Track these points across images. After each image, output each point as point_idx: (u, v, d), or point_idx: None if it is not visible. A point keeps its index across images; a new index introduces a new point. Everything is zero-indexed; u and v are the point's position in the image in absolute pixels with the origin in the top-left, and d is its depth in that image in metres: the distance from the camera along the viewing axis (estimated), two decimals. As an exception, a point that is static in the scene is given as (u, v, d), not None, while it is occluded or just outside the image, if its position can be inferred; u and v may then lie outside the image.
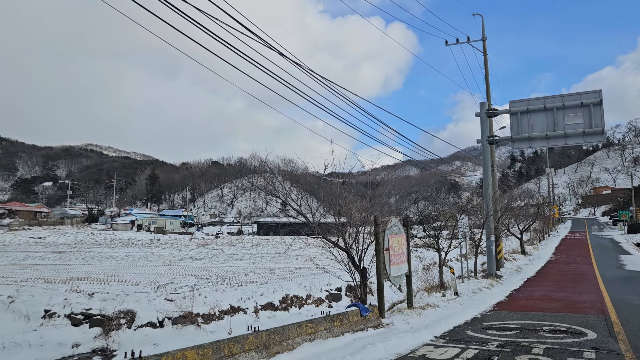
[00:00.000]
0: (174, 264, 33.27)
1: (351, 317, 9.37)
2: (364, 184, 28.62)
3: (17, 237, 61.41)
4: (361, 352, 7.20)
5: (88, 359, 11.78)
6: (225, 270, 27.16)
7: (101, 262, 34.84)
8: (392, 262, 11.19)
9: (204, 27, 9.36)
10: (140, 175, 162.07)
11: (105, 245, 53.38)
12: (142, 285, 19.09)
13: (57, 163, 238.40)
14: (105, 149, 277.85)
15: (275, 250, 43.10)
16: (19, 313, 14.28)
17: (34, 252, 44.16)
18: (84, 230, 74.52)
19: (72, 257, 38.99)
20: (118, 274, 24.63)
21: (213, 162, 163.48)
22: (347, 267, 11.62)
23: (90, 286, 18.77)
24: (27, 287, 17.25)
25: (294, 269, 27.00)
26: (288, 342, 7.21)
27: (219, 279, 21.59)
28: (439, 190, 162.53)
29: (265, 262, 32.56)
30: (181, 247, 49.53)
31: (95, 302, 14.54)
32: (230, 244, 53.83)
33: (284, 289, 17.36)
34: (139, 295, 15.27)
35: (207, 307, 14.59)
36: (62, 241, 59.27)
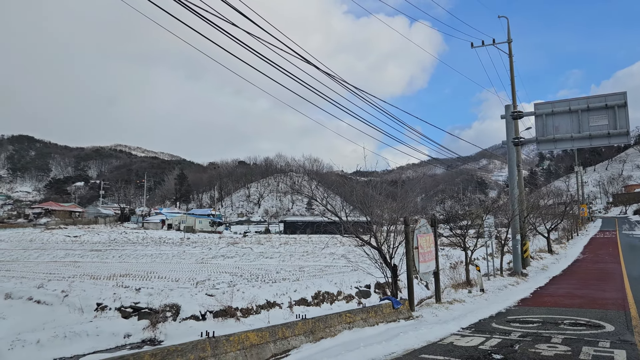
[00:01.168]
0: (207, 261, 34.42)
1: (384, 309, 10.18)
2: (389, 183, 29.21)
3: (54, 235, 63.74)
4: (395, 339, 7.97)
5: (139, 348, 12.80)
6: (256, 267, 28.08)
7: (137, 260, 36.24)
8: (421, 259, 11.92)
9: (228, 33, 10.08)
10: (168, 175, 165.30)
11: (138, 244, 54.89)
12: (181, 281, 20.12)
13: (88, 164, 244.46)
14: (134, 149, 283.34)
15: (302, 249, 43.93)
16: (73, 306, 15.50)
17: (71, 250, 46.00)
18: (116, 229, 76.60)
19: (109, 255, 40.52)
20: (156, 271, 25.81)
21: (240, 162, 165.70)
22: (379, 264, 12.39)
23: (133, 282, 19.89)
24: (77, 282, 18.44)
25: (323, 267, 27.68)
26: (330, 329, 8.06)
27: (252, 276, 22.41)
28: (465, 189, 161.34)
29: (294, 261, 33.36)
30: (211, 246, 50.68)
31: (142, 296, 15.66)
32: (258, 242, 54.90)
33: (315, 286, 18.21)
34: (182, 291, 16.30)
35: (245, 301, 15.55)
36: (97, 240, 61.19)
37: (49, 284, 17.98)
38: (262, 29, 10.84)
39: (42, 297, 16.19)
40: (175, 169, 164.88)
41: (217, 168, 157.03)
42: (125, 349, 12.36)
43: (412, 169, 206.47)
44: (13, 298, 16.73)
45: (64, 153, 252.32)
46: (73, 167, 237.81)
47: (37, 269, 27.92)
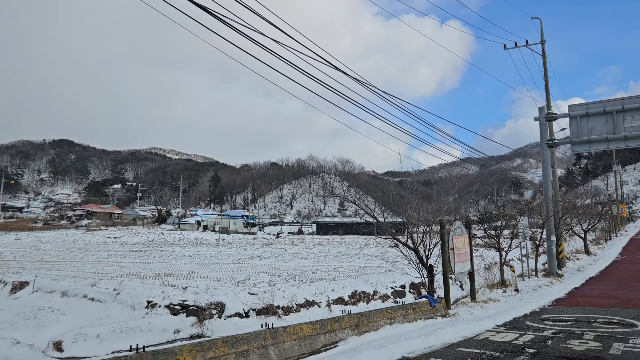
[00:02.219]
0: (244, 262, 35.35)
1: (422, 307, 10.72)
2: (421, 183, 29.53)
3: (96, 236, 66.02)
4: (433, 334, 8.50)
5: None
6: (292, 268, 28.76)
7: (176, 261, 37.44)
8: (457, 260, 12.38)
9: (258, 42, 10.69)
10: (202, 177, 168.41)
11: (175, 245, 56.30)
12: (223, 280, 20.97)
13: (124, 166, 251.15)
14: (168, 152, 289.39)
15: (336, 250, 44.39)
16: (125, 303, 16.52)
17: (113, 250, 47.70)
18: (154, 231, 78.63)
19: (150, 255, 41.91)
20: (196, 270, 26.79)
21: (272, 164, 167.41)
22: (416, 264, 12.91)
23: (177, 281, 20.82)
24: (127, 281, 19.47)
25: (357, 268, 28.11)
26: (373, 324, 8.67)
27: (289, 276, 23.05)
28: (499, 189, 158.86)
29: (329, 261, 33.89)
30: (246, 247, 51.58)
31: (189, 294, 16.58)
32: (292, 243, 55.66)
33: (352, 286, 18.80)
34: (225, 290, 17.12)
35: (286, 300, 16.27)
36: (136, 241, 63.06)
37: (101, 283, 19.09)
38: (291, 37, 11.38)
39: (95, 294, 17.27)
40: (209, 171, 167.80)
41: (250, 170, 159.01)
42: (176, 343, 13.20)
43: (444, 169, 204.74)
44: (69, 296, 17.87)
45: (102, 156, 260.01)
46: (110, 169, 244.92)
47: (84, 269, 29.31)
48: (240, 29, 9.92)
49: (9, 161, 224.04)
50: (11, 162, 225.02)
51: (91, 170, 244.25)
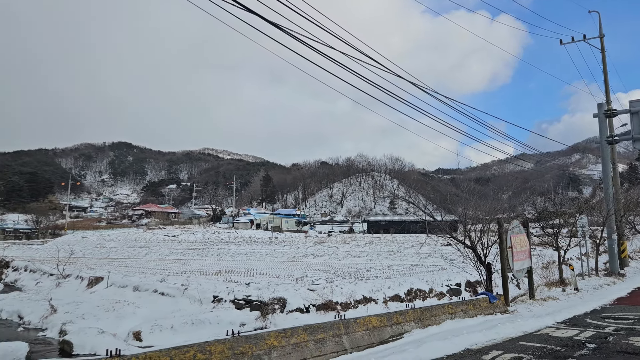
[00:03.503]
0: (298, 260, 36.18)
1: (482, 303, 11.02)
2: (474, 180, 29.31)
3: (155, 235, 68.83)
4: (494, 328, 8.83)
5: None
6: (346, 266, 29.25)
7: (233, 258, 38.73)
8: (515, 258, 12.55)
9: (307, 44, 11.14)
10: (254, 177, 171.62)
11: (230, 243, 57.96)
12: (281, 277, 21.73)
13: (179, 167, 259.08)
14: (220, 152, 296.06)
15: (388, 248, 44.55)
16: (193, 298, 17.53)
17: (172, 248, 49.74)
18: (209, 229, 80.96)
19: (207, 253, 43.49)
20: (254, 268, 27.76)
21: (322, 163, 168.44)
22: (473, 262, 13.15)
23: (238, 278, 21.78)
24: (192, 277, 20.59)
25: (411, 266, 28.27)
26: (435, 318, 9.09)
27: (345, 274, 23.53)
28: (556, 185, 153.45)
29: (382, 259, 34.17)
30: (299, 245, 52.37)
31: (252, 290, 17.41)
32: (343, 241, 56.15)
33: (407, 283, 19.14)
34: (286, 286, 17.86)
35: (344, 297, 16.81)
36: (193, 239, 65.27)
37: (169, 279, 20.29)
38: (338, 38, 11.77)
39: (165, 289, 18.41)
40: (260, 171, 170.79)
41: (300, 169, 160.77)
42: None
43: (497, 165, 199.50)
44: (140, 290, 19.12)
45: (158, 157, 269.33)
46: (166, 170, 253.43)
47: (149, 265, 30.93)
48: (290, 32, 10.42)
49: (73, 163, 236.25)
50: (75, 164, 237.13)
51: (148, 171, 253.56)
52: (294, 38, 10.57)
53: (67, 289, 21.64)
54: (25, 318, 16.40)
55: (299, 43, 10.69)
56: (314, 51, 11.22)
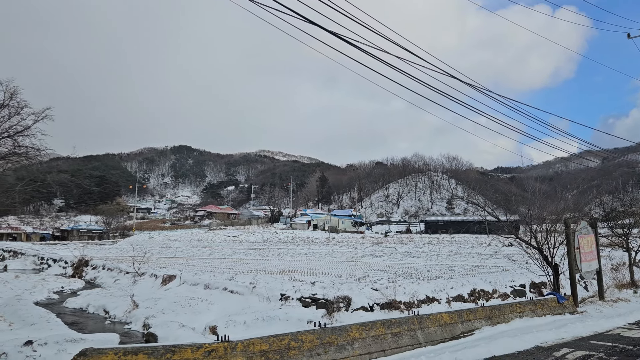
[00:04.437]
0: (357, 260, 36.66)
1: (550, 303, 11.10)
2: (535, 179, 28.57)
3: (217, 235, 71.15)
4: (564, 327, 8.96)
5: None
6: (406, 266, 29.43)
7: (293, 258, 39.70)
8: (583, 259, 12.48)
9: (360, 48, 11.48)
10: (309, 178, 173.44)
11: (289, 243, 59.08)
12: (344, 277, 22.25)
13: (237, 169, 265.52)
14: (276, 154, 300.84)
15: (447, 249, 44.20)
16: (261, 296, 18.32)
17: (234, 249, 51.40)
18: (268, 230, 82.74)
19: (268, 253, 44.75)
20: (315, 267, 28.45)
21: (377, 163, 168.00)
22: (540, 263, 13.16)
23: (302, 277, 22.49)
24: (259, 276, 21.45)
25: (472, 267, 28.09)
26: (504, 316, 9.34)
27: (405, 274, 23.76)
28: (625, 183, 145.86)
29: (441, 260, 34.09)
30: (356, 245, 52.74)
31: (317, 289, 18.01)
32: (401, 242, 56.05)
33: (470, 284, 19.17)
34: (350, 285, 18.35)
35: (407, 296, 17.11)
36: (253, 239, 66.99)
37: (237, 277, 21.25)
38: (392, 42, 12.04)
39: (234, 287, 19.32)
40: (316, 172, 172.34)
41: (356, 169, 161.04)
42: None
43: (560, 163, 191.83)
44: (211, 288, 20.13)
45: (216, 160, 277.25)
46: (224, 172, 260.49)
47: (214, 264, 32.30)
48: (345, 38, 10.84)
49: (137, 167, 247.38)
50: (139, 167, 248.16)
51: (207, 173, 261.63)
52: (348, 44, 11.02)
53: (143, 286, 22.98)
54: (110, 312, 17.74)
55: (354, 48, 11.12)
56: (368, 55, 11.61)
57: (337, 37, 10.60)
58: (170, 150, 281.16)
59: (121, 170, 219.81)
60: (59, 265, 36.81)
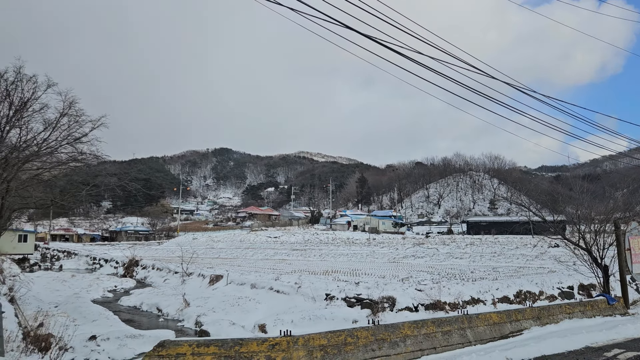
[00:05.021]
0: (398, 261, 36.65)
1: (600, 304, 11.01)
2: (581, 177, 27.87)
3: (258, 236, 72.23)
4: (614, 329, 8.91)
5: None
6: (449, 267, 29.28)
7: (335, 259, 40.00)
8: (634, 260, 12.28)
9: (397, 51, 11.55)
10: (348, 179, 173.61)
11: (329, 244, 59.34)
12: (387, 278, 22.41)
13: (276, 170, 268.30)
14: (314, 155, 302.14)
15: (490, 250, 43.57)
16: (307, 295, 18.71)
17: (276, 249, 52.12)
18: (308, 231, 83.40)
19: (310, 254, 45.19)
20: (357, 268, 28.66)
21: (417, 163, 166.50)
22: (589, 264, 13.02)
23: (345, 277, 22.77)
24: (303, 277, 21.86)
25: (517, 268, 27.71)
26: (553, 317, 9.38)
27: (449, 275, 23.68)
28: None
29: (485, 261, 33.72)
30: (397, 246, 52.52)
31: (361, 289, 18.27)
32: (443, 243, 55.51)
33: (516, 285, 19.04)
34: (394, 285, 18.54)
35: (451, 297, 17.16)
36: (294, 240, 67.66)
37: (282, 277, 21.75)
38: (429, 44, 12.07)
39: (279, 287, 19.80)
40: (355, 173, 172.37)
41: (395, 170, 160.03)
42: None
43: (608, 161, 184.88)
44: (257, 288, 20.68)
45: (256, 162, 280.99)
46: (264, 174, 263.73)
47: (258, 265, 32.98)
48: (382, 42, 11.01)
49: (180, 169, 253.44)
50: (182, 170, 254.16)
51: (247, 174, 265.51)
52: (384, 47, 11.21)
53: (191, 286, 23.76)
54: (163, 310, 18.53)
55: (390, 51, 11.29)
56: (404, 57, 11.77)
57: (373, 41, 10.84)
58: (212, 152, 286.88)
59: (165, 173, 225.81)
60: (111, 265, 38.36)
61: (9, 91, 17.50)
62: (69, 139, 17.97)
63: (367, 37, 10.60)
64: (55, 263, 44.23)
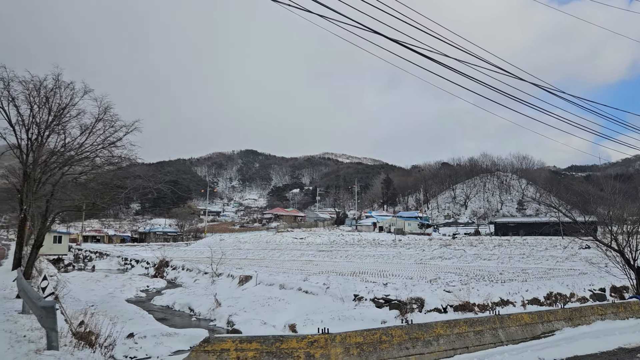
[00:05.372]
0: (425, 262, 36.55)
1: (633, 306, 10.95)
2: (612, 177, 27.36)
3: (284, 237, 72.65)
4: (648, 331, 8.92)
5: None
6: (476, 269, 29.10)
7: (361, 260, 40.09)
8: (668, 262, 12.15)
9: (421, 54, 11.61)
10: (373, 180, 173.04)
11: (355, 245, 59.34)
12: (415, 279, 22.44)
13: (301, 172, 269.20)
14: (339, 156, 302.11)
15: (519, 252, 43.08)
16: (335, 296, 18.92)
17: (302, 250, 52.42)
18: (334, 232, 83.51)
19: (336, 255, 45.35)
20: (384, 269, 28.74)
21: (443, 164, 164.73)
22: (621, 266, 12.90)
23: (373, 278, 22.90)
24: (331, 278, 22.07)
25: (547, 270, 27.41)
26: (585, 318, 9.39)
27: (477, 276, 23.57)
28: None
29: (513, 263, 33.40)
30: (424, 247, 52.24)
31: (390, 290, 18.40)
32: (470, 244, 54.99)
33: (546, 287, 18.91)
34: (422, 287, 18.60)
35: (480, 298, 17.16)
36: (319, 241, 67.82)
37: (310, 278, 21.99)
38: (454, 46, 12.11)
39: (308, 288, 20.06)
40: (380, 173, 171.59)
41: (421, 171, 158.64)
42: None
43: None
44: (286, 288, 20.98)
45: (281, 163, 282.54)
46: (289, 175, 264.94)
47: (285, 266, 33.31)
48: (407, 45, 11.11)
49: (206, 171, 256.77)
50: (208, 172, 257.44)
51: (272, 176, 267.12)
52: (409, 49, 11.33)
53: (221, 286, 24.19)
54: (195, 310, 18.97)
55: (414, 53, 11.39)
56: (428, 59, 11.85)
57: (398, 44, 10.99)
58: (237, 154, 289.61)
59: (192, 175, 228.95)
60: (142, 265, 39.23)
61: (47, 98, 18.22)
62: (105, 143, 18.56)
63: (393, 40, 10.78)
64: (88, 263, 45.43)
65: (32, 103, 17.90)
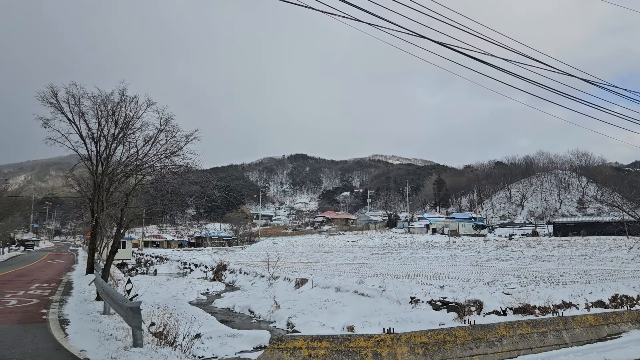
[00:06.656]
0: (482, 264, 35.89)
1: None
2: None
3: (336, 241, 73.01)
4: None
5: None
6: (535, 270, 28.35)
7: (415, 262, 39.80)
8: None
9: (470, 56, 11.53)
10: (425, 181, 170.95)
11: (408, 248, 58.95)
12: (472, 281, 22.17)
13: (351, 174, 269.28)
14: (389, 158, 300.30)
15: (580, 252, 41.54)
16: (391, 299, 19.01)
17: (355, 253, 52.52)
18: (386, 234, 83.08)
19: (389, 257, 45.23)
20: (439, 272, 28.47)
21: (496, 163, 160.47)
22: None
23: (428, 281, 22.77)
24: (387, 280, 22.16)
25: (611, 271, 26.46)
26: (616, 326, 9.21)
27: (536, 279, 22.99)
28: None
29: (575, 264, 32.35)
30: (479, 249, 51.24)
31: (447, 292, 18.33)
32: (528, 245, 53.43)
33: (611, 289, 18.30)
34: (480, 289, 18.41)
35: (541, 301, 16.83)
36: (372, 244, 67.72)
37: (366, 281, 22.15)
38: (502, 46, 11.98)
39: (364, 290, 20.24)
40: (432, 174, 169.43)
41: (474, 171, 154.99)
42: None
43: None
44: (342, 291, 21.24)
45: (331, 166, 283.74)
46: (339, 178, 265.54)
47: (339, 269, 33.57)
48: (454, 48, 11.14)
49: (258, 176, 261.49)
50: (259, 176, 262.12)
51: (323, 179, 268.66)
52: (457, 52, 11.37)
53: (278, 289, 24.73)
54: (255, 312, 19.57)
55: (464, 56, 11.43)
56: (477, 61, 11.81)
57: (445, 47, 11.10)
58: (288, 159, 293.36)
59: (244, 180, 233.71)
60: (200, 269, 40.54)
61: (114, 111, 19.36)
62: (167, 152, 19.50)
63: (439, 43, 10.92)
64: (150, 267, 47.33)
65: (100, 117, 19.08)
